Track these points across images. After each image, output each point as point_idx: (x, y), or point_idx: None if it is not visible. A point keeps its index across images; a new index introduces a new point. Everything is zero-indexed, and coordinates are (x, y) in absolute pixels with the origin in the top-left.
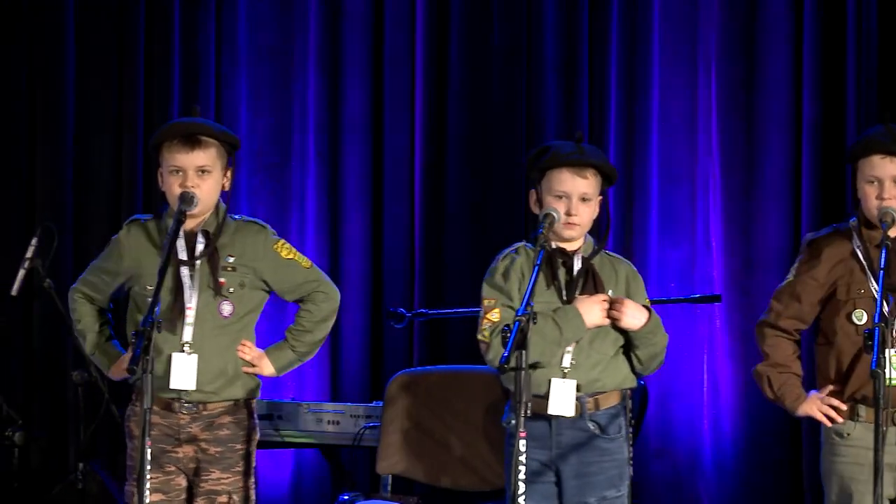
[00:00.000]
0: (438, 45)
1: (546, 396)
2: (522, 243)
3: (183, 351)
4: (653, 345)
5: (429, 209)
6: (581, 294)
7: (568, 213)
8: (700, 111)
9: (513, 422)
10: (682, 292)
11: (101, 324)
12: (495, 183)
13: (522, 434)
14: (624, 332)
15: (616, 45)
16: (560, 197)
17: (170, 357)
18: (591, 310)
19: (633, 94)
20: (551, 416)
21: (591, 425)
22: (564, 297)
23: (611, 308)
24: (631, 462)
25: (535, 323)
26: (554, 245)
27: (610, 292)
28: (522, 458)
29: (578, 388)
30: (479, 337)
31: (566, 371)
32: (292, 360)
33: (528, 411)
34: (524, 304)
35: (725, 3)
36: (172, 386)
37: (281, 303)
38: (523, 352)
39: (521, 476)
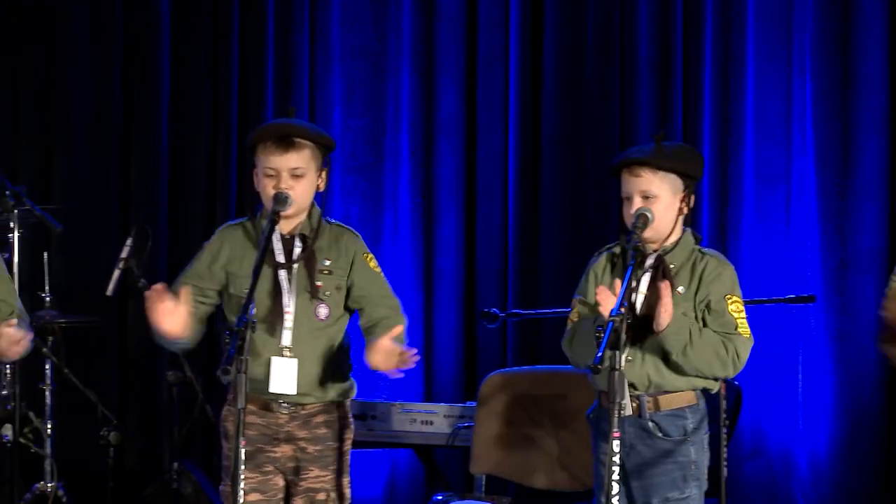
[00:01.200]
0: (532, 44)
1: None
2: (616, 244)
3: (282, 355)
4: (683, 348)
5: (522, 209)
6: (648, 291)
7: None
8: (795, 110)
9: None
10: (777, 293)
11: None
12: (589, 182)
13: (616, 434)
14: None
15: (710, 44)
16: (627, 198)
17: (269, 360)
18: (665, 312)
19: (728, 94)
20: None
21: (650, 425)
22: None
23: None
24: (726, 463)
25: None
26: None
27: (681, 289)
28: (616, 459)
29: (634, 387)
30: None
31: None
32: None
33: (623, 411)
34: (618, 304)
35: (820, 1)
36: (272, 390)
37: None
38: (616, 352)
39: (615, 476)
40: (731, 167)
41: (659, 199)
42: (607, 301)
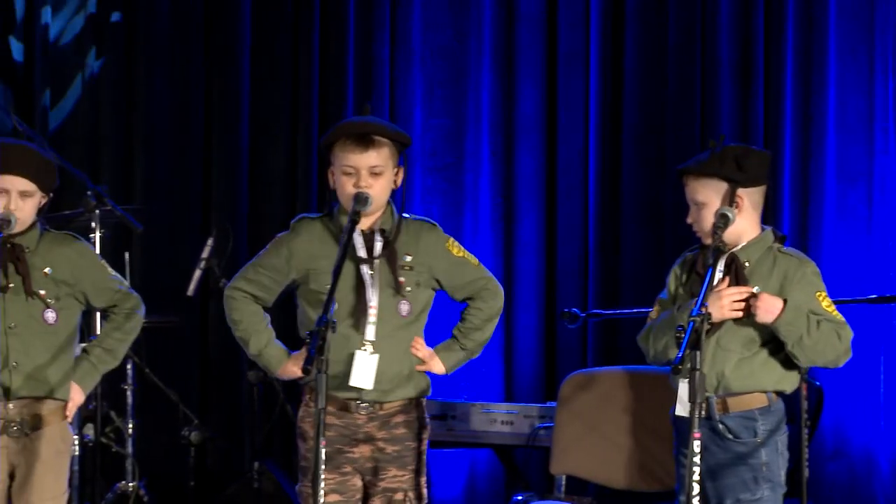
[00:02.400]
0: (613, 43)
1: None
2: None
3: (364, 349)
4: (799, 338)
5: (603, 208)
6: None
7: (693, 220)
8: (877, 109)
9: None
10: (859, 292)
11: (266, 324)
12: (669, 182)
13: (697, 435)
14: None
15: (792, 43)
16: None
17: (351, 355)
18: (714, 304)
19: (809, 93)
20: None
21: (720, 427)
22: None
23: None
24: (807, 464)
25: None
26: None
27: (756, 288)
28: (697, 459)
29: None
30: None
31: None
32: (461, 358)
33: (704, 412)
34: (698, 304)
35: None
36: (352, 383)
37: None
38: (697, 352)
39: (696, 477)
40: (813, 166)
41: (707, 205)
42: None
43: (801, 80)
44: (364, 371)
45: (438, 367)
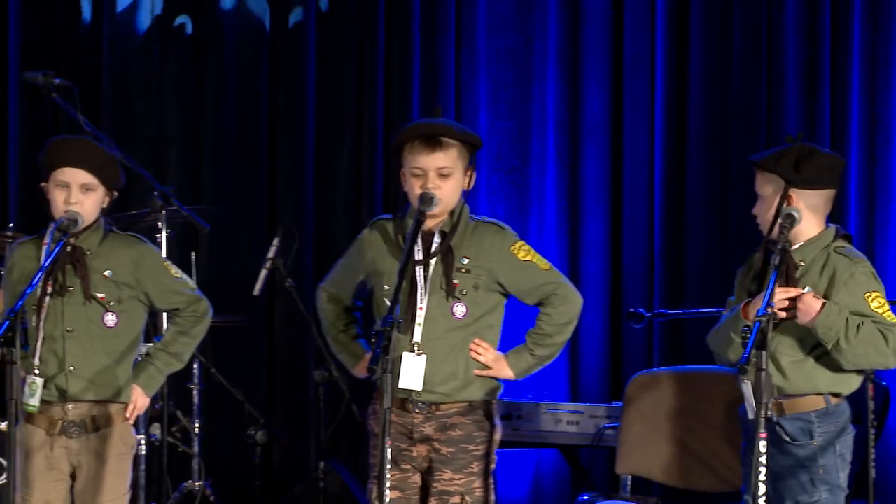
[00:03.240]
0: (678, 46)
1: None
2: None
3: (413, 351)
4: (836, 341)
5: (668, 211)
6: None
7: (756, 211)
8: None
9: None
10: None
11: (347, 322)
12: (735, 184)
13: (763, 435)
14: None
15: (858, 45)
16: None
17: (401, 357)
18: (754, 305)
19: (875, 95)
20: None
21: (777, 429)
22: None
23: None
24: (874, 464)
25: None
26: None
27: (807, 289)
28: (763, 460)
29: None
30: None
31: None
32: (532, 364)
33: (769, 412)
34: (764, 304)
35: None
36: (401, 385)
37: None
38: (763, 352)
39: (762, 477)
40: (879, 169)
41: (764, 199)
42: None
43: (867, 83)
44: (412, 372)
45: (506, 372)
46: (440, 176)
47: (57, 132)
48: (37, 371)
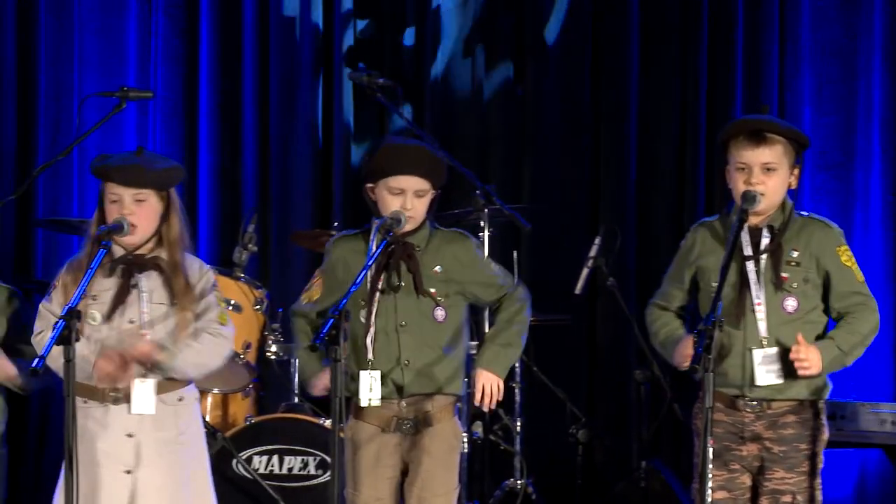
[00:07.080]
0: None
1: None
2: None
3: (762, 346)
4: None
5: None
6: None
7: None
8: None
9: None
10: None
11: (680, 324)
12: None
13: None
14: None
15: None
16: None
17: (743, 353)
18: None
19: None
20: None
21: None
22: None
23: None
24: None
25: None
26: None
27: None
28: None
29: None
30: None
31: None
32: (835, 355)
33: None
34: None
35: None
36: (759, 383)
37: None
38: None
39: None
40: None
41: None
42: None
43: None
44: (767, 369)
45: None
46: (764, 171)
47: (381, 133)
48: (371, 366)
